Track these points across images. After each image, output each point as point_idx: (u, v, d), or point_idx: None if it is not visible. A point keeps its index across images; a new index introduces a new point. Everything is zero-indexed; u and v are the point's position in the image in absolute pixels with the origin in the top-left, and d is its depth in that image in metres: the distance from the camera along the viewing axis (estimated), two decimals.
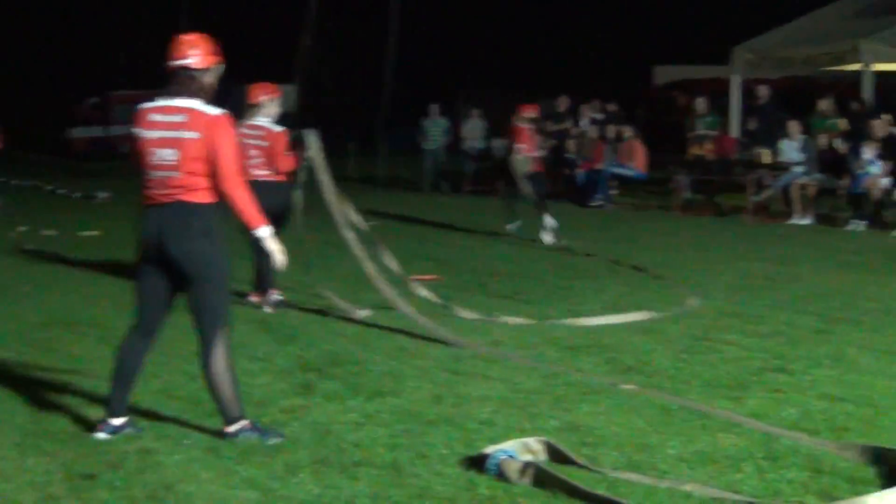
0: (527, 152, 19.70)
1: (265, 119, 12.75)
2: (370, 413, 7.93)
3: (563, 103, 29.59)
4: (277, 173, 12.69)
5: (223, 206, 7.27)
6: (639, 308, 11.97)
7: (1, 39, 59.60)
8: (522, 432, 7.37)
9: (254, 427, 7.34)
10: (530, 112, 20.19)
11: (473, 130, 31.12)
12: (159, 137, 7.20)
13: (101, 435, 7.32)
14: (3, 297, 13.09)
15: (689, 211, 23.32)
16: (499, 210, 20.14)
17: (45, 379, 9.06)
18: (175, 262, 7.22)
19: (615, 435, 7.37)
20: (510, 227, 19.57)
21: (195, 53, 7.34)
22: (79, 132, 55.59)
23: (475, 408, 8.06)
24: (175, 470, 6.70)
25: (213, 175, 7.17)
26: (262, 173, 12.53)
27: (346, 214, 12.21)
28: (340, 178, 29.71)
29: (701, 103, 25.97)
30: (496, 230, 19.96)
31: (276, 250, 7.53)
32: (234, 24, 61.25)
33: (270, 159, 12.61)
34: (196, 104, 7.24)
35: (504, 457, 6.53)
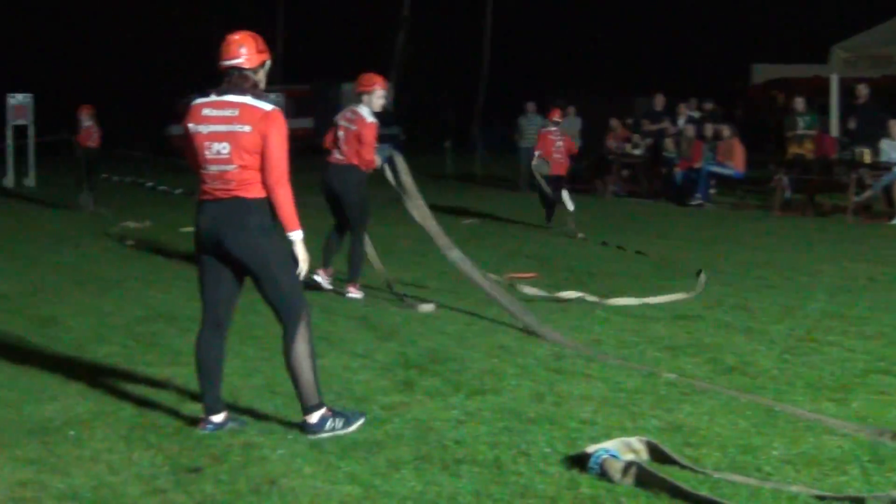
0: (545, 156, 21.00)
1: (365, 108, 12.94)
2: (471, 410, 7.93)
3: (659, 102, 29.43)
4: (358, 162, 12.95)
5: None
6: (743, 307, 11.90)
7: (102, 37, 60.30)
8: (624, 432, 7.34)
9: (335, 413, 7.41)
10: (556, 117, 21.62)
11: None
12: (211, 132, 7.27)
13: (204, 432, 7.39)
14: (108, 293, 13.26)
15: (789, 211, 23.09)
16: (594, 208, 20.05)
17: (149, 373, 9.17)
18: (234, 257, 7.31)
19: (718, 436, 7.31)
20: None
21: (244, 53, 7.41)
22: (177, 129, 55.96)
23: (576, 406, 8.04)
24: (279, 464, 6.75)
25: (261, 169, 7.24)
26: (341, 158, 12.97)
27: (440, 236, 12.27)
28: (437, 176, 29.89)
29: (800, 102, 25.71)
30: (594, 228, 19.90)
31: (303, 258, 7.50)
32: (329, 23, 61.59)
33: (354, 146, 12.87)
34: (248, 99, 7.31)
35: (606, 456, 6.51)
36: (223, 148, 7.22)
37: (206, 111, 7.33)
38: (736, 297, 12.62)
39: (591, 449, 6.69)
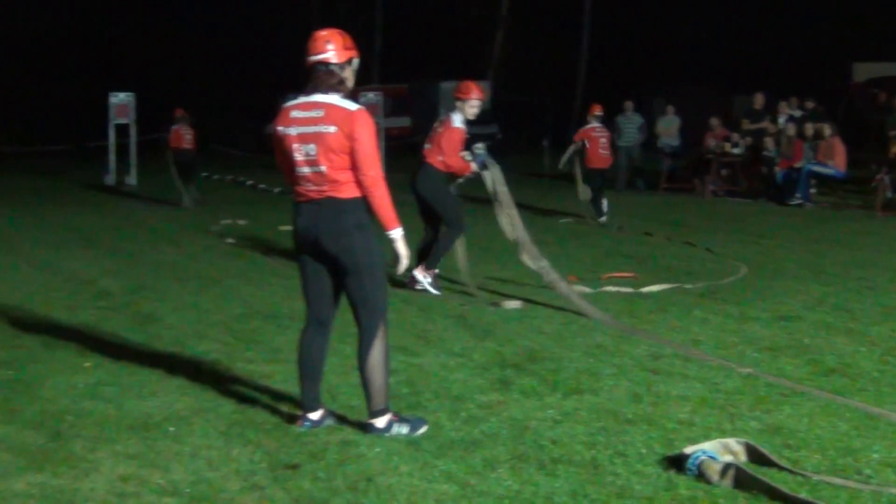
0: (590, 152, 21.58)
1: (457, 115, 13.06)
2: (568, 410, 7.91)
3: (759, 101, 29.17)
4: (438, 164, 13.11)
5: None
6: (844, 309, 11.77)
7: (203, 35, 60.89)
8: (722, 433, 7.29)
9: (401, 419, 7.42)
10: (597, 111, 22.10)
11: (669, 127, 30.87)
12: (300, 133, 7.29)
13: (301, 429, 7.44)
14: (208, 290, 13.39)
15: (891, 211, 22.77)
16: (693, 208, 19.93)
17: (248, 369, 9.25)
18: (331, 257, 7.34)
19: (817, 438, 7.23)
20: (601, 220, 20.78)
21: (331, 48, 7.40)
22: None
23: (674, 407, 7.99)
24: (375, 462, 6.78)
25: (353, 169, 7.24)
26: (422, 157, 13.40)
27: (529, 246, 12.34)
28: (535, 175, 29.87)
29: None
30: (694, 227, 19.79)
31: (403, 255, 7.51)
32: (427, 22, 61.74)
33: (436, 148, 13.05)
34: (334, 99, 7.30)
35: (704, 457, 6.46)
36: (311, 149, 7.24)
37: (294, 113, 7.37)
38: (837, 298, 12.47)
39: (688, 450, 6.65)
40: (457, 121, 13.18)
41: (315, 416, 7.53)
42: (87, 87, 52.57)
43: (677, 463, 6.59)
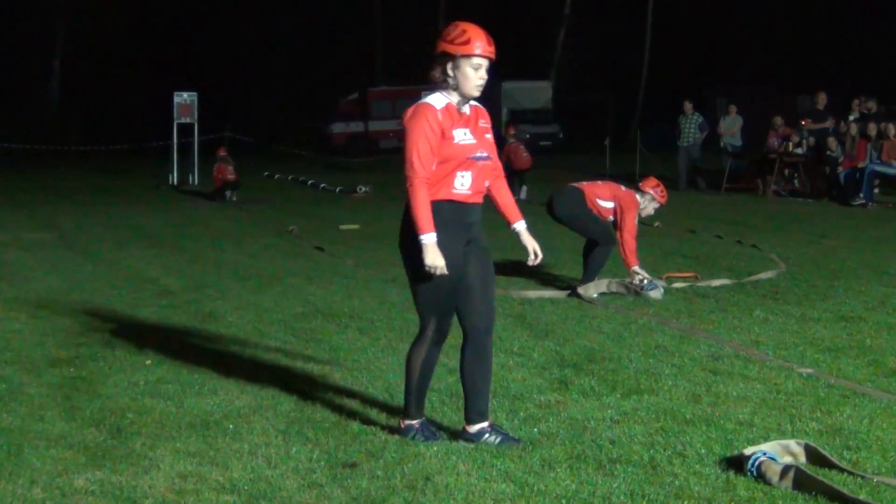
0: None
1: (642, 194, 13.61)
2: (626, 410, 7.88)
3: (821, 101, 28.98)
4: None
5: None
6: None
7: (265, 36, 61.16)
8: (782, 434, 7.24)
9: (422, 429, 7.24)
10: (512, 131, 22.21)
11: (731, 127, 30.72)
12: None
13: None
14: (268, 289, 13.45)
15: None
16: (755, 208, 19.80)
17: (307, 368, 9.28)
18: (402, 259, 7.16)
19: (878, 439, 7.16)
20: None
21: (442, 40, 7.13)
22: (338, 127, 56.71)
23: (733, 408, 7.94)
24: (434, 461, 6.77)
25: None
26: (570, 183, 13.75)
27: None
28: (596, 174, 29.90)
29: None
30: (756, 228, 19.68)
31: (428, 263, 6.83)
32: (490, 21, 61.68)
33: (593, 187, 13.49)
34: (427, 97, 7.12)
35: (764, 458, 6.42)
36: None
37: None
38: None
39: (748, 451, 6.59)
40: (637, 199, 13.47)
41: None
42: (150, 86, 52.99)
43: (737, 464, 6.54)
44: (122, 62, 60.38)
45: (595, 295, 12.63)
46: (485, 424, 7.20)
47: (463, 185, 7.00)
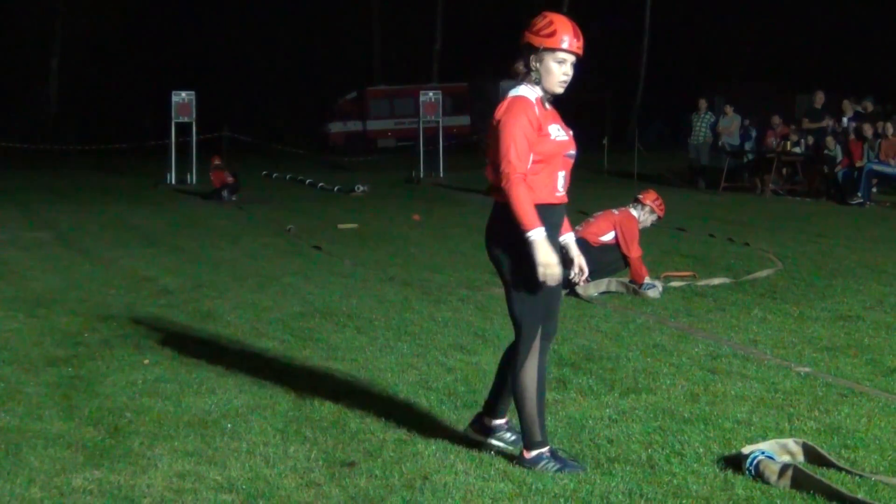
0: None
1: (635, 209, 13.84)
2: (625, 409, 7.88)
3: (819, 100, 29.00)
4: None
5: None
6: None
7: (262, 35, 61.16)
8: (780, 433, 7.25)
9: (554, 455, 6.68)
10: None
11: (728, 126, 30.75)
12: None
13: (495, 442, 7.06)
14: (266, 288, 13.45)
15: None
16: (753, 207, 19.80)
17: (305, 367, 9.29)
18: (494, 263, 6.78)
19: (876, 438, 7.17)
20: None
21: (528, 30, 6.76)
22: (336, 127, 56.74)
23: (731, 407, 7.94)
24: (432, 460, 6.77)
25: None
26: None
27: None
28: (594, 173, 29.83)
29: None
30: (754, 226, 19.69)
31: (539, 261, 6.38)
32: (487, 20, 61.67)
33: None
34: (513, 89, 6.73)
35: (762, 457, 6.42)
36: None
37: None
38: None
39: (746, 450, 6.59)
40: (634, 213, 13.56)
41: (489, 423, 7.10)
42: (148, 86, 53.03)
43: (735, 463, 6.55)
44: (120, 61, 60.40)
45: (595, 294, 12.63)
46: (502, 421, 7.08)
47: (560, 185, 6.68)
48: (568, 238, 7.03)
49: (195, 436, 7.32)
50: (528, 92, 6.64)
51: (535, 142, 6.51)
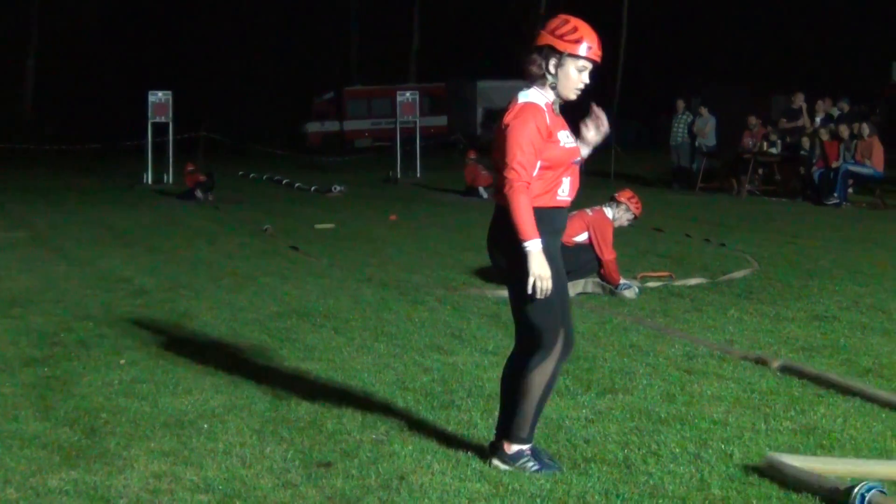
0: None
1: (609, 209, 13.75)
2: (601, 410, 7.89)
3: (797, 100, 29.08)
4: None
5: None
6: (880, 309, 11.71)
7: (239, 35, 61.06)
8: (756, 433, 7.27)
9: (535, 455, 6.67)
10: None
11: (703, 128, 30.81)
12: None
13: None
14: (243, 289, 13.43)
15: None
16: (729, 207, 19.85)
17: (282, 367, 9.28)
18: (499, 269, 6.73)
19: (852, 439, 7.19)
20: None
21: (549, 33, 6.62)
22: (313, 127, 56.74)
23: (708, 407, 7.96)
24: (408, 460, 6.77)
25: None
26: None
27: None
28: None
29: None
30: (730, 227, 19.74)
31: (532, 272, 6.33)
32: (465, 21, 61.68)
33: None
34: (522, 92, 6.65)
35: (874, 492, 5.88)
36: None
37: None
38: (873, 299, 12.40)
39: (844, 485, 6.02)
40: (608, 214, 13.50)
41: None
42: (125, 86, 52.91)
43: (834, 495, 6.03)
44: (96, 61, 60.25)
45: (572, 295, 12.62)
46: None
47: (564, 190, 6.64)
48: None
49: (171, 436, 7.31)
50: (538, 98, 6.58)
51: (543, 149, 6.46)
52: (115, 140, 42.04)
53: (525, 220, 6.32)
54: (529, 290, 6.36)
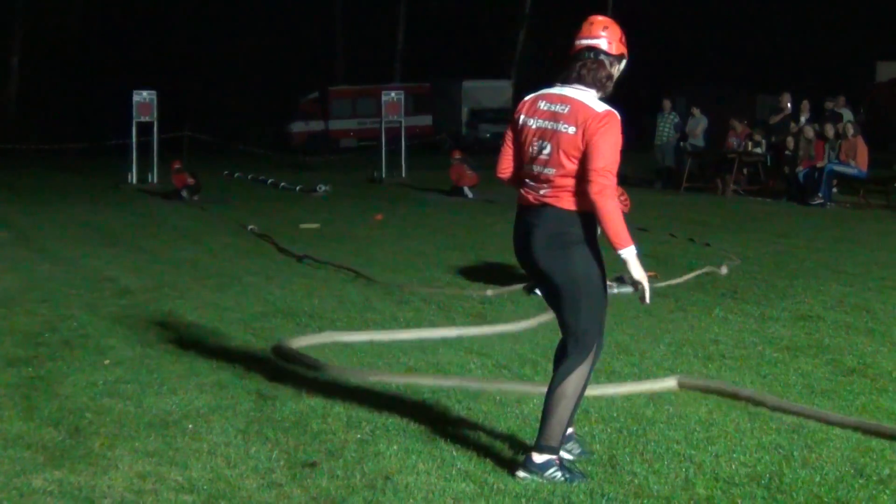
0: None
1: None
2: (587, 409, 7.88)
3: (784, 100, 29.12)
4: None
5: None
6: (864, 308, 11.73)
7: (225, 35, 60.96)
8: (741, 433, 7.28)
9: (562, 466, 6.55)
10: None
11: (695, 128, 30.81)
12: (539, 127, 6.57)
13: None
14: (227, 288, 13.40)
15: None
16: (715, 207, 19.86)
17: (267, 367, 9.25)
18: (543, 272, 6.65)
19: (837, 437, 7.21)
20: None
21: (605, 35, 6.68)
22: (298, 126, 56.68)
23: (693, 406, 7.96)
24: (393, 460, 6.77)
25: (581, 177, 6.42)
26: None
27: None
28: None
29: None
30: (715, 227, 19.77)
31: (638, 276, 6.50)
32: (450, 21, 61.69)
33: None
34: (585, 96, 6.54)
35: None
36: (546, 147, 6.50)
37: (541, 104, 6.63)
38: (857, 298, 12.43)
39: None
40: None
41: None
42: (109, 85, 52.79)
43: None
44: (81, 60, 60.11)
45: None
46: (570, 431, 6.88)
47: None
48: None
49: (156, 436, 7.29)
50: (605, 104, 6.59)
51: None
52: (99, 140, 41.95)
53: (621, 226, 6.39)
54: (646, 294, 6.53)
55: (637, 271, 6.46)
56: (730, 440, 7.11)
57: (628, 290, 12.05)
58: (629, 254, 6.42)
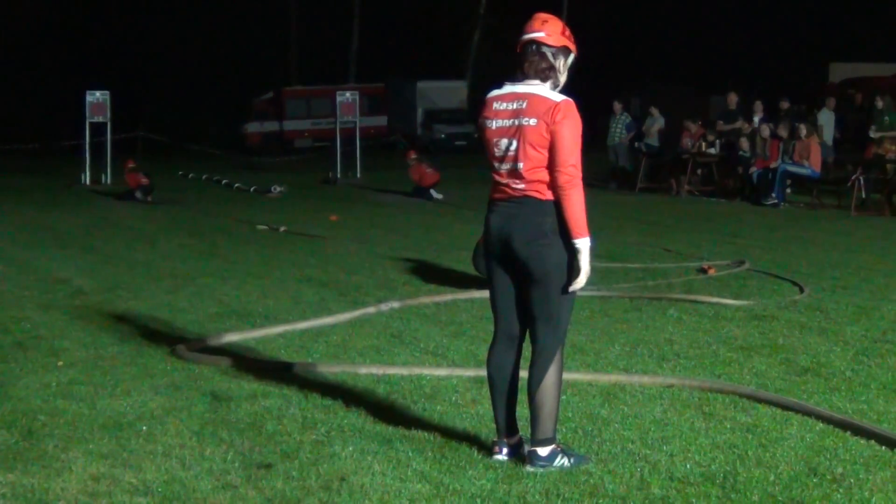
0: None
1: None
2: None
3: (732, 101, 29.26)
4: None
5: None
6: (818, 308, 11.79)
7: (178, 34, 60.71)
8: (696, 432, 7.31)
9: (564, 451, 6.74)
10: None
11: (651, 127, 30.89)
12: (498, 127, 6.71)
13: (500, 457, 6.85)
14: (182, 289, 13.36)
15: (865, 211, 22.87)
16: (668, 207, 19.94)
17: (222, 369, 9.20)
18: (520, 263, 6.72)
19: (791, 437, 7.23)
20: None
21: (547, 29, 6.79)
22: (253, 127, 56.57)
23: (647, 406, 7.98)
24: (349, 461, 6.76)
25: (549, 168, 6.59)
26: None
27: None
28: None
29: (880, 102, 25.41)
30: (669, 227, 19.84)
31: (585, 270, 6.65)
32: (404, 21, 61.65)
33: None
34: (539, 89, 6.70)
35: None
36: (511, 145, 6.63)
37: (496, 105, 6.77)
38: (810, 298, 12.49)
39: None
40: None
41: (513, 441, 6.94)
42: (62, 85, 52.49)
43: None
44: (33, 60, 59.72)
45: None
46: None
47: None
48: None
49: (110, 438, 7.25)
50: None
51: None
52: (52, 140, 41.71)
53: (583, 217, 6.60)
54: (580, 285, 6.71)
55: (585, 262, 6.63)
56: (684, 440, 7.14)
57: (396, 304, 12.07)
58: (584, 244, 6.60)
